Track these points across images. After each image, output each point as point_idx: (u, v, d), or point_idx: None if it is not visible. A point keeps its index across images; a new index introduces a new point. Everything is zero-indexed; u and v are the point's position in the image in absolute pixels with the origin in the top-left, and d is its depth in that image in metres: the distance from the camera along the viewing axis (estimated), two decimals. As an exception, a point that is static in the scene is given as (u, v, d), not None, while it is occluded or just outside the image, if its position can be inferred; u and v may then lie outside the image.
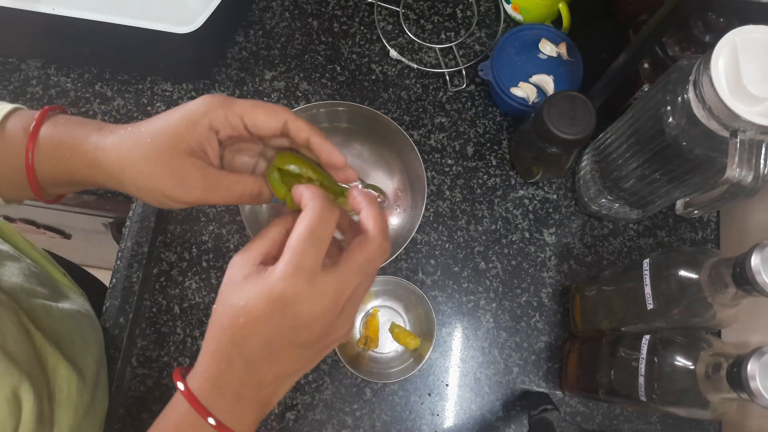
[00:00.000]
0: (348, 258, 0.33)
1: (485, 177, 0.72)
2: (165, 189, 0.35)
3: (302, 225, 0.32)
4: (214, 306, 0.34)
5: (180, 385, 0.34)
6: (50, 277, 0.60)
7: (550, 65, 0.71)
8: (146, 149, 0.35)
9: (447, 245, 0.70)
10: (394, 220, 0.69)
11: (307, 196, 0.34)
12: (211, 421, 0.33)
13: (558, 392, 0.66)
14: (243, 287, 0.32)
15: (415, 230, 0.63)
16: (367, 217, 0.35)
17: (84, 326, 0.58)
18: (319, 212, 0.33)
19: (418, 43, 0.77)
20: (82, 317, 0.59)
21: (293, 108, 0.65)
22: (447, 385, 0.65)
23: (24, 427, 0.41)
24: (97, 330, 0.61)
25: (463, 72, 0.76)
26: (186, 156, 0.36)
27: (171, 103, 0.73)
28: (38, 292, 0.53)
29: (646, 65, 0.62)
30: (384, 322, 0.66)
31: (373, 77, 0.76)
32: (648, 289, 0.50)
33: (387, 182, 0.69)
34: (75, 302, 0.60)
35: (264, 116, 0.36)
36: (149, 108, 0.73)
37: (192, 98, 0.72)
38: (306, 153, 0.39)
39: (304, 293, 0.31)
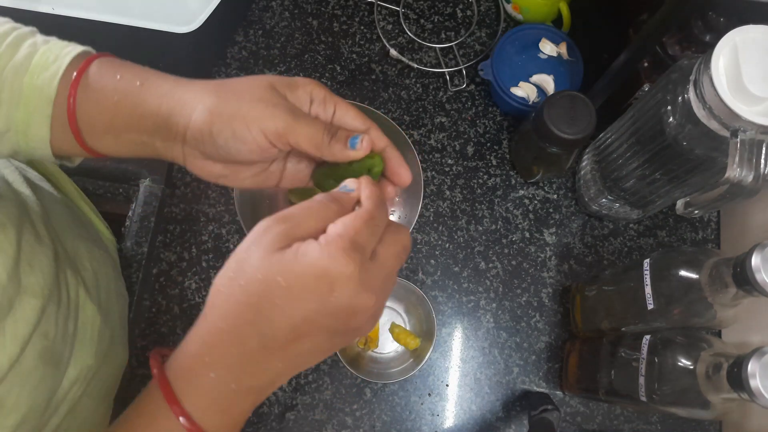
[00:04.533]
0: (390, 245, 0.32)
1: (485, 177, 0.72)
2: (251, 113, 0.34)
3: (363, 207, 0.32)
4: (229, 275, 0.30)
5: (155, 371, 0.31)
6: (96, 230, 0.62)
7: (550, 65, 0.71)
8: (233, 89, 0.35)
9: (447, 245, 0.70)
10: (391, 219, 0.69)
11: (366, 184, 0.33)
12: (183, 421, 0.29)
13: (558, 392, 0.66)
14: (282, 259, 0.29)
15: (412, 227, 0.63)
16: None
17: (116, 281, 0.59)
18: (379, 200, 0.32)
19: (418, 43, 0.77)
20: (117, 274, 0.60)
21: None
22: (447, 385, 0.65)
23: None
24: (124, 296, 0.61)
25: (463, 72, 0.76)
26: (277, 96, 0.35)
27: (171, 103, 0.73)
28: (85, 235, 0.54)
29: (646, 65, 0.62)
30: (384, 322, 0.66)
31: (373, 77, 0.76)
32: (648, 289, 0.50)
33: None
34: (114, 258, 0.62)
35: (353, 115, 0.37)
36: (149, 108, 0.72)
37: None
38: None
39: (361, 277, 0.29)
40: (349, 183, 0.34)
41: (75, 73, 0.36)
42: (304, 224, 0.30)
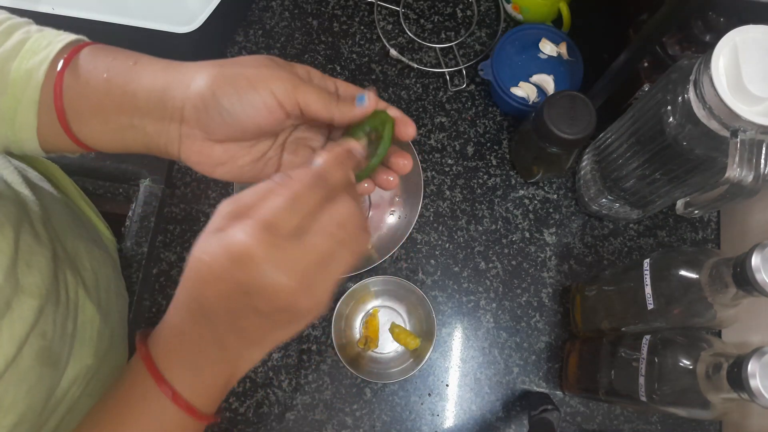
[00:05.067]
0: (317, 226, 0.30)
1: (485, 177, 0.72)
2: (257, 75, 0.33)
3: (291, 185, 0.30)
4: (192, 251, 0.32)
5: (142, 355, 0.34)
6: (96, 230, 0.61)
7: (550, 65, 0.71)
8: (233, 61, 0.35)
9: (447, 245, 0.70)
10: (391, 219, 0.69)
11: (319, 158, 0.32)
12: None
13: (558, 392, 0.66)
14: (210, 239, 0.30)
15: (412, 227, 0.63)
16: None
17: (116, 281, 0.59)
18: (314, 178, 0.31)
19: (418, 43, 0.77)
20: (117, 274, 0.60)
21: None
22: (447, 385, 0.65)
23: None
24: (124, 296, 0.61)
25: (463, 72, 0.76)
26: (279, 64, 0.36)
27: (171, 103, 0.73)
28: (85, 236, 0.54)
29: (646, 65, 0.62)
30: (384, 322, 0.66)
31: (373, 77, 0.76)
32: (648, 289, 0.50)
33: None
34: (114, 258, 0.62)
35: (353, 88, 0.38)
36: (149, 108, 0.72)
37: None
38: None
39: (268, 257, 0.28)
40: (317, 157, 0.33)
41: (66, 56, 0.36)
42: (248, 205, 0.30)
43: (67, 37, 0.37)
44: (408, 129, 0.37)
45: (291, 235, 0.29)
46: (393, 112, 0.37)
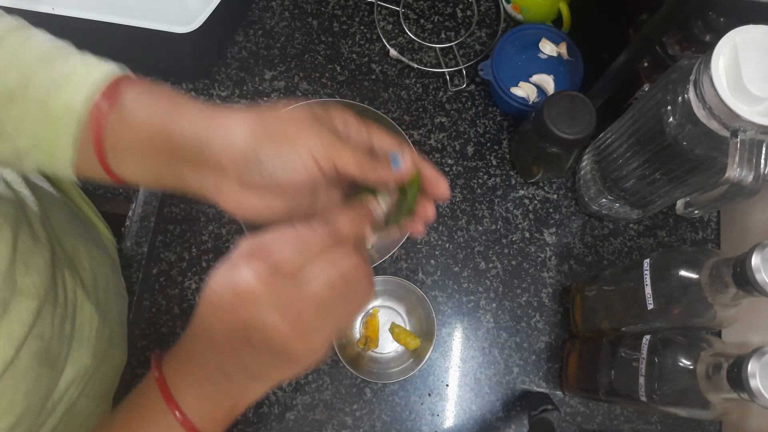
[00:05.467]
0: (318, 273, 0.31)
1: (485, 177, 0.72)
2: (298, 134, 0.34)
3: (307, 235, 0.32)
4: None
5: (156, 373, 0.35)
6: (96, 230, 0.62)
7: (550, 65, 0.71)
8: (274, 114, 0.35)
9: (447, 245, 0.70)
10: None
11: (339, 215, 0.34)
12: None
13: (558, 392, 0.66)
14: (224, 272, 0.32)
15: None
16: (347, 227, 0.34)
17: (116, 281, 0.59)
18: (328, 232, 0.33)
19: (418, 43, 0.77)
20: (117, 274, 0.60)
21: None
22: (447, 385, 0.65)
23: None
24: (123, 296, 0.61)
25: (463, 72, 0.76)
26: (319, 121, 0.36)
27: (171, 103, 0.73)
28: (84, 236, 0.54)
29: (646, 65, 0.62)
30: (384, 322, 0.66)
31: (373, 77, 0.76)
32: (648, 289, 0.50)
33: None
34: (113, 258, 0.62)
35: (385, 136, 0.38)
36: (149, 108, 0.72)
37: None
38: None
39: (267, 297, 0.30)
40: (338, 213, 0.35)
41: (107, 92, 0.35)
42: (265, 246, 0.32)
43: (106, 68, 0.36)
44: (440, 185, 0.38)
45: (294, 280, 0.31)
46: (426, 169, 0.37)
